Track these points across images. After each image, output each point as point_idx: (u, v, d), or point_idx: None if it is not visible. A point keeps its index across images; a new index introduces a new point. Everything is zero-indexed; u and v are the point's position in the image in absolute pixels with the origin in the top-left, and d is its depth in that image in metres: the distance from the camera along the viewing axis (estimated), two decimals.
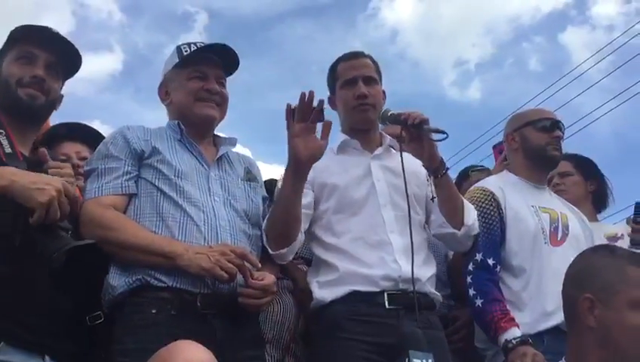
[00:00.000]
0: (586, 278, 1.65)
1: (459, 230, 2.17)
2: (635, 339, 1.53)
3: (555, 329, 2.13)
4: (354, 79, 2.28)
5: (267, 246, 2.03)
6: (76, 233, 1.81)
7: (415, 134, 2.07)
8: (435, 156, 2.11)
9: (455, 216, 2.18)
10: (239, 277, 1.84)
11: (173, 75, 2.15)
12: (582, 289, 1.62)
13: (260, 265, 1.93)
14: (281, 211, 1.98)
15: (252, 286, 1.85)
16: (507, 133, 2.54)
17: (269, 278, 1.90)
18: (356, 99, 2.25)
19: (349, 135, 2.32)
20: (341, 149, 2.32)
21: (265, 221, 2.05)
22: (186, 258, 1.79)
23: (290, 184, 1.94)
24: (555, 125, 2.46)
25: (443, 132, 2.03)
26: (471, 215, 2.20)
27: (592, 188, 2.91)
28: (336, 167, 2.23)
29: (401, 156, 2.12)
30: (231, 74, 2.22)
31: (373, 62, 2.35)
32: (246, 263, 1.86)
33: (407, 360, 1.49)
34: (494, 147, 3.00)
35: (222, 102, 2.15)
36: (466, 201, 2.22)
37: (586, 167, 2.91)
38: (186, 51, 2.12)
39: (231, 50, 2.16)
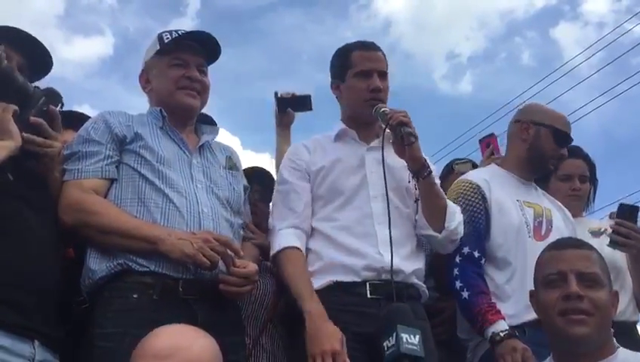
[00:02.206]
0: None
1: (439, 233, 2.16)
2: (546, 313, 1.69)
3: (537, 321, 2.15)
4: (370, 71, 2.25)
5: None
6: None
7: (398, 134, 2.08)
8: (416, 158, 2.09)
9: (436, 219, 2.16)
10: (221, 264, 1.84)
11: (154, 62, 2.14)
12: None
13: (242, 253, 1.93)
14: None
15: (234, 274, 1.85)
16: (521, 120, 2.48)
17: (251, 267, 1.91)
18: (370, 92, 2.23)
19: (348, 124, 2.32)
20: (338, 137, 2.31)
21: (281, 259, 2.09)
22: (169, 243, 1.79)
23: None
24: (568, 143, 2.47)
25: (415, 136, 2.04)
26: (455, 218, 2.18)
27: (577, 188, 2.91)
28: (331, 154, 2.24)
29: (382, 152, 2.10)
30: (212, 62, 2.21)
31: (385, 57, 2.34)
32: (228, 251, 1.86)
33: (394, 334, 1.44)
34: (481, 141, 2.98)
35: (203, 91, 2.14)
36: (450, 204, 2.20)
37: (593, 172, 2.92)
38: (167, 39, 2.11)
39: (212, 38, 2.15)
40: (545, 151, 2.42)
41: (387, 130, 2.19)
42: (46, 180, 1.86)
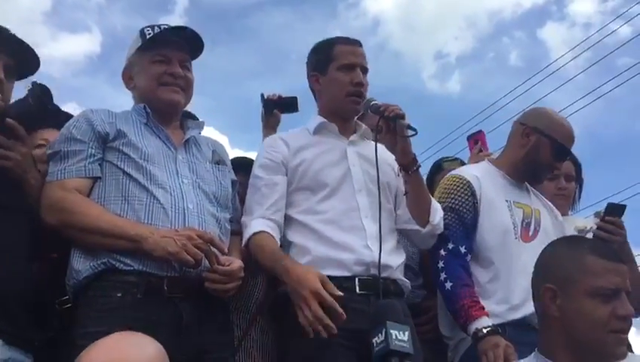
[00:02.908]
0: (548, 269, 1.70)
1: (424, 228, 2.17)
2: (592, 326, 1.58)
3: (519, 321, 2.15)
4: (354, 65, 2.24)
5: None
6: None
7: (391, 127, 2.08)
8: (407, 152, 2.11)
9: (422, 213, 2.17)
10: (207, 262, 1.82)
11: (136, 58, 2.10)
12: (544, 280, 1.68)
13: (226, 250, 1.91)
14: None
15: (217, 271, 1.83)
16: (524, 124, 2.43)
17: (235, 263, 1.88)
18: (354, 86, 2.22)
19: (327, 118, 2.29)
20: (318, 131, 2.28)
21: (253, 243, 2.04)
22: (152, 241, 1.76)
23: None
24: (565, 158, 2.46)
25: (413, 129, 2.05)
26: (437, 214, 2.20)
27: (562, 187, 2.93)
28: (312, 148, 2.22)
29: (376, 144, 2.12)
30: (196, 57, 2.18)
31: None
32: (213, 248, 1.83)
33: (384, 330, 1.42)
34: (469, 138, 2.96)
35: (186, 87, 2.11)
36: (434, 201, 2.22)
37: (579, 172, 2.93)
38: (149, 34, 2.07)
39: (195, 33, 2.12)
40: (540, 163, 2.39)
41: (366, 124, 2.24)
42: (19, 183, 1.82)
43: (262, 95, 2.79)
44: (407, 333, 1.40)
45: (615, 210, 2.47)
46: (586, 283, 1.60)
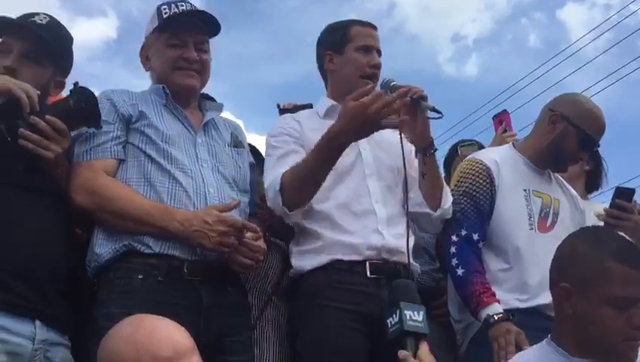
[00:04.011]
0: (567, 266, 1.65)
1: (435, 211, 2.16)
2: (606, 333, 1.54)
3: (528, 309, 2.14)
4: (371, 48, 2.24)
5: (281, 206, 2.01)
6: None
7: (411, 109, 2.06)
8: (426, 134, 2.10)
9: (435, 197, 2.16)
10: None
11: (153, 39, 2.09)
12: (561, 277, 1.64)
13: (258, 231, 1.91)
14: (319, 175, 2.00)
15: (247, 245, 1.86)
16: (555, 110, 2.34)
17: (261, 243, 1.92)
18: (370, 68, 2.21)
19: (337, 100, 2.25)
20: (327, 114, 2.25)
21: (286, 177, 2.01)
22: (184, 235, 1.80)
23: (341, 145, 1.95)
24: (592, 149, 2.41)
25: (439, 112, 2.03)
26: (448, 199, 2.20)
27: (587, 168, 2.89)
28: (322, 131, 2.13)
29: (400, 128, 2.08)
30: (214, 35, 2.14)
31: None
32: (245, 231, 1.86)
33: (398, 311, 1.39)
34: (494, 118, 2.93)
35: (202, 69, 2.09)
36: (445, 185, 2.22)
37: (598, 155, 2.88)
38: (165, 13, 2.04)
39: (211, 16, 2.09)
40: (565, 152, 2.32)
41: None
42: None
43: (278, 105, 2.80)
44: (422, 313, 1.39)
45: (624, 194, 2.41)
46: (605, 291, 1.54)
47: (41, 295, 1.70)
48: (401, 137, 2.08)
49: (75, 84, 1.86)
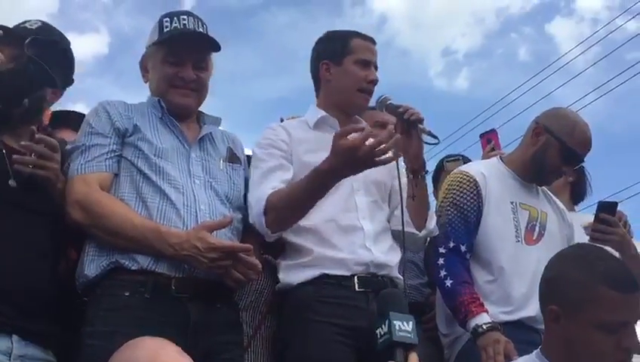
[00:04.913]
0: (555, 289, 1.65)
1: (420, 232, 2.17)
2: (594, 356, 1.55)
3: (515, 323, 2.15)
4: (370, 62, 2.22)
5: (264, 227, 1.98)
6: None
7: (406, 129, 2.06)
8: (419, 156, 2.11)
9: (421, 217, 2.17)
10: None
11: (152, 51, 2.08)
12: (550, 299, 1.64)
13: (251, 247, 1.87)
14: (307, 205, 1.97)
15: (241, 260, 1.83)
16: (539, 122, 2.35)
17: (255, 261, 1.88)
18: (367, 83, 2.20)
19: (329, 111, 2.25)
20: (317, 126, 2.24)
21: (272, 201, 1.97)
22: (176, 259, 1.79)
23: (332, 182, 1.92)
24: (576, 164, 2.42)
25: (435, 136, 2.03)
26: (433, 220, 2.22)
27: (571, 179, 2.90)
28: (312, 144, 2.17)
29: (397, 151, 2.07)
30: (215, 51, 2.12)
31: None
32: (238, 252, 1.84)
33: (387, 321, 1.37)
34: (482, 135, 2.93)
35: (199, 88, 2.08)
36: (431, 206, 2.24)
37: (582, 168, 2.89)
38: (166, 27, 2.04)
39: (211, 38, 2.08)
40: (546, 165, 2.33)
41: (377, 119, 2.26)
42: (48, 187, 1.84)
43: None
44: (411, 323, 1.38)
45: (607, 208, 2.44)
46: (595, 315, 1.54)
47: (19, 311, 1.68)
48: (397, 160, 2.06)
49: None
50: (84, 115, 2.13)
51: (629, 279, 1.57)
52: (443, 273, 2.18)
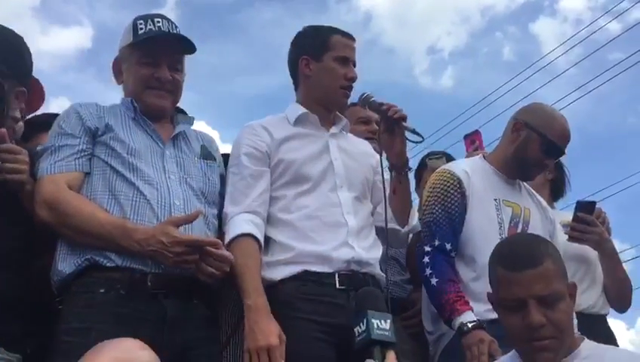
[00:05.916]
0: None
1: (402, 228, 2.18)
2: (510, 336, 1.62)
3: (496, 319, 2.15)
4: (349, 60, 2.22)
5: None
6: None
7: (390, 127, 2.07)
8: (403, 154, 2.12)
9: (404, 214, 2.19)
10: None
11: (126, 53, 2.08)
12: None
13: (219, 242, 1.87)
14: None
15: (212, 254, 1.81)
16: (518, 118, 2.37)
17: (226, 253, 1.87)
18: (347, 80, 2.20)
19: (309, 107, 2.24)
20: (298, 122, 2.23)
21: (239, 242, 1.97)
22: (143, 255, 1.77)
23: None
24: (557, 156, 2.43)
25: (419, 134, 2.04)
26: (415, 217, 2.23)
27: (550, 177, 2.92)
28: (293, 140, 2.17)
29: (380, 145, 2.11)
30: (190, 53, 2.13)
31: None
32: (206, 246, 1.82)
33: (365, 320, 1.38)
34: (465, 137, 2.92)
35: (174, 89, 2.08)
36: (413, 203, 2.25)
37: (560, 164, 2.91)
38: (141, 29, 2.04)
39: (187, 39, 2.08)
40: (529, 159, 2.34)
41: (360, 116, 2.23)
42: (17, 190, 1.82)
43: None
44: (388, 321, 1.38)
45: (585, 208, 2.45)
46: (496, 296, 1.66)
47: None
48: (381, 157, 2.09)
49: None
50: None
51: (520, 257, 1.61)
52: (428, 271, 2.17)
